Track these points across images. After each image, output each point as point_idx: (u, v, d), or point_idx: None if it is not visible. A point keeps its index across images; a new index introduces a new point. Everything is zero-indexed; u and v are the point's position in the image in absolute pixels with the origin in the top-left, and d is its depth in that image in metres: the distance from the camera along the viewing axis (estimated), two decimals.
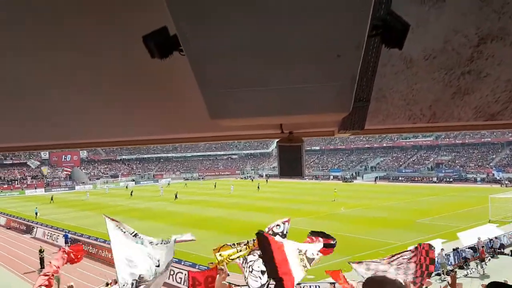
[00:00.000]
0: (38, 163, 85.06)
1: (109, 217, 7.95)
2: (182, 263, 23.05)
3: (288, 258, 7.64)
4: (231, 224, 34.33)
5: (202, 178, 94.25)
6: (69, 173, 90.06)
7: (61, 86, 2.58)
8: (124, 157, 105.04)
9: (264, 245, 7.42)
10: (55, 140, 3.77)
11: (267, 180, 75.80)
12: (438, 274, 21.29)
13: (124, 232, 7.94)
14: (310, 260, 8.09)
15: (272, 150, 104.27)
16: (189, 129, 3.35)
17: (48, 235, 33.35)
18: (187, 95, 2.39)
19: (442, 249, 22.39)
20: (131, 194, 61.74)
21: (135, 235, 7.94)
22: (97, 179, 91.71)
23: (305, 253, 8.13)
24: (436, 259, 21.84)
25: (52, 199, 59.73)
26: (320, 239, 9.08)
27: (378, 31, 1.58)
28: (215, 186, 71.47)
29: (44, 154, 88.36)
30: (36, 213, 43.26)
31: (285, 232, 9.18)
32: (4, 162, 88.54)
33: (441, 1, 1.86)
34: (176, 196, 55.67)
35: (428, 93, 2.41)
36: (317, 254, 8.47)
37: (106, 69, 2.42)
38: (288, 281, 7.18)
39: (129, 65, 2.33)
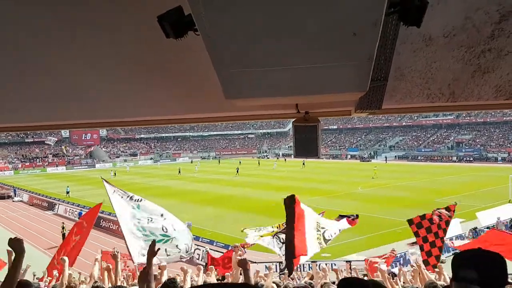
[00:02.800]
0: (55, 139, 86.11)
1: (106, 181, 8.33)
2: (200, 240, 23.43)
3: (306, 229, 7.83)
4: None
5: (219, 157, 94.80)
6: (92, 149, 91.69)
7: (78, 67, 2.61)
8: (142, 136, 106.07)
9: (291, 207, 7.72)
10: (76, 120, 3.83)
11: (285, 160, 75.87)
12: None
13: (122, 197, 8.26)
14: (326, 241, 8.23)
15: (289, 129, 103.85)
16: (205, 109, 3.36)
17: (69, 212, 34.21)
18: (203, 75, 2.39)
19: (473, 228, 22.36)
20: (179, 172, 61.02)
21: (131, 198, 8.26)
22: (117, 157, 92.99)
23: (323, 233, 8.25)
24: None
25: (115, 174, 61.80)
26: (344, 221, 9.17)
27: (396, 8, 1.54)
28: (258, 164, 72.88)
29: (65, 133, 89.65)
30: (68, 192, 43.04)
31: None
32: (26, 140, 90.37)
33: None
34: (237, 171, 57.23)
35: (447, 71, 2.36)
36: (334, 234, 8.59)
37: (122, 50, 2.43)
38: (300, 251, 7.37)
39: (145, 46, 2.33)
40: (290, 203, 7.76)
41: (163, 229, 8.10)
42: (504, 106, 2.92)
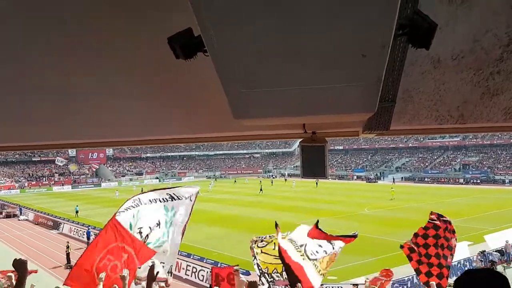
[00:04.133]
0: (66, 160, 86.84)
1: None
2: (204, 261, 23.22)
3: (302, 264, 7.82)
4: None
5: (224, 177, 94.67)
6: (96, 167, 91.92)
7: (85, 86, 2.63)
8: (148, 155, 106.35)
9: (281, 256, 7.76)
10: (78, 139, 3.84)
11: (285, 180, 75.85)
12: None
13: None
14: (316, 259, 8.14)
15: (295, 149, 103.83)
16: (213, 129, 3.37)
17: (74, 231, 34.12)
18: (211, 95, 2.40)
19: (481, 251, 21.94)
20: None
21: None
22: (122, 176, 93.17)
23: (305, 251, 8.19)
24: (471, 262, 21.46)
25: (142, 190, 62.31)
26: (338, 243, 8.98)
27: (405, 30, 1.55)
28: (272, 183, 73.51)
29: (72, 152, 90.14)
30: (77, 211, 42.36)
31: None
32: (33, 159, 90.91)
33: None
34: (261, 189, 59.19)
35: (455, 93, 2.35)
36: (323, 252, 8.46)
37: (130, 69, 2.45)
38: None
39: (154, 65, 2.35)
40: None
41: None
42: None
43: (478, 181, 67.78)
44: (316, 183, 65.30)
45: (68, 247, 25.65)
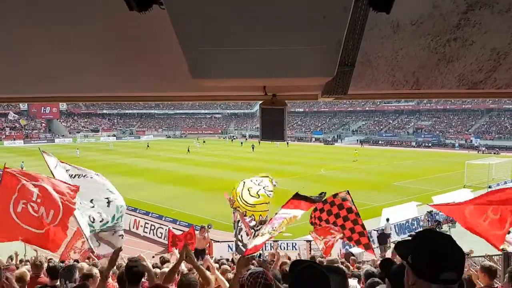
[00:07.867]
0: (17, 116, 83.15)
1: (46, 153, 7.69)
2: (163, 219, 23.30)
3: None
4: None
5: (185, 136, 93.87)
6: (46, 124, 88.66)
7: (42, 41, 2.50)
8: (105, 111, 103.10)
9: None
10: (37, 93, 3.68)
11: (246, 139, 76.24)
12: None
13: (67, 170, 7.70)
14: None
15: (256, 110, 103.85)
16: (172, 88, 3.28)
17: None
18: (171, 53, 2.32)
19: (429, 212, 23.10)
20: (188, 150, 60.27)
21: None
22: (77, 132, 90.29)
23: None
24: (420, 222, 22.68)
25: (148, 145, 67.25)
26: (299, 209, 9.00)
27: None
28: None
29: (23, 106, 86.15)
30: (22, 168, 41.83)
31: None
32: None
33: None
34: (253, 148, 61.53)
35: (412, 59, 2.39)
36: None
37: (87, 25, 2.33)
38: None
39: (111, 21, 2.24)
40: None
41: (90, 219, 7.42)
42: (465, 95, 3.00)
43: (430, 144, 70.68)
44: (287, 143, 66.45)
45: None
